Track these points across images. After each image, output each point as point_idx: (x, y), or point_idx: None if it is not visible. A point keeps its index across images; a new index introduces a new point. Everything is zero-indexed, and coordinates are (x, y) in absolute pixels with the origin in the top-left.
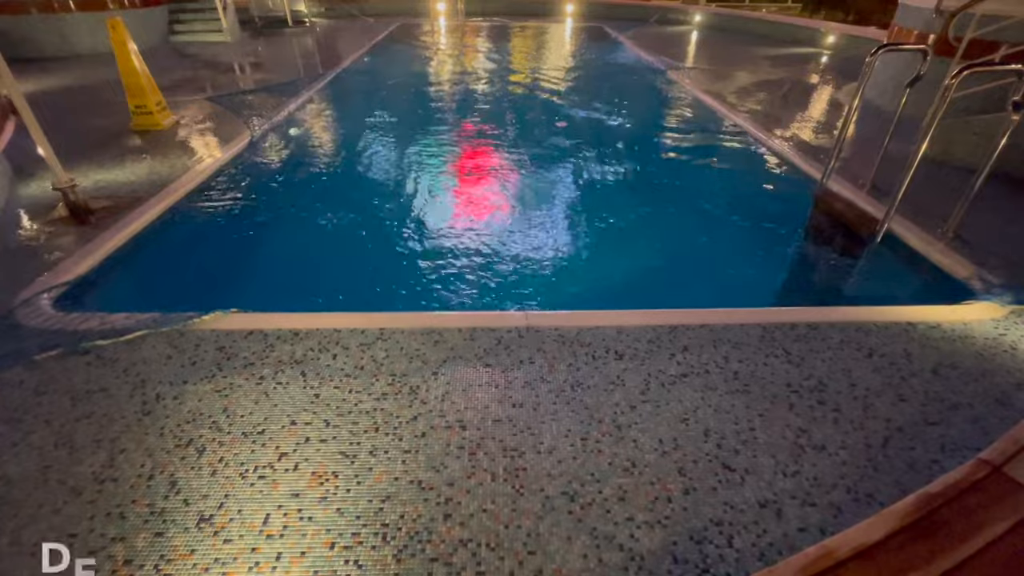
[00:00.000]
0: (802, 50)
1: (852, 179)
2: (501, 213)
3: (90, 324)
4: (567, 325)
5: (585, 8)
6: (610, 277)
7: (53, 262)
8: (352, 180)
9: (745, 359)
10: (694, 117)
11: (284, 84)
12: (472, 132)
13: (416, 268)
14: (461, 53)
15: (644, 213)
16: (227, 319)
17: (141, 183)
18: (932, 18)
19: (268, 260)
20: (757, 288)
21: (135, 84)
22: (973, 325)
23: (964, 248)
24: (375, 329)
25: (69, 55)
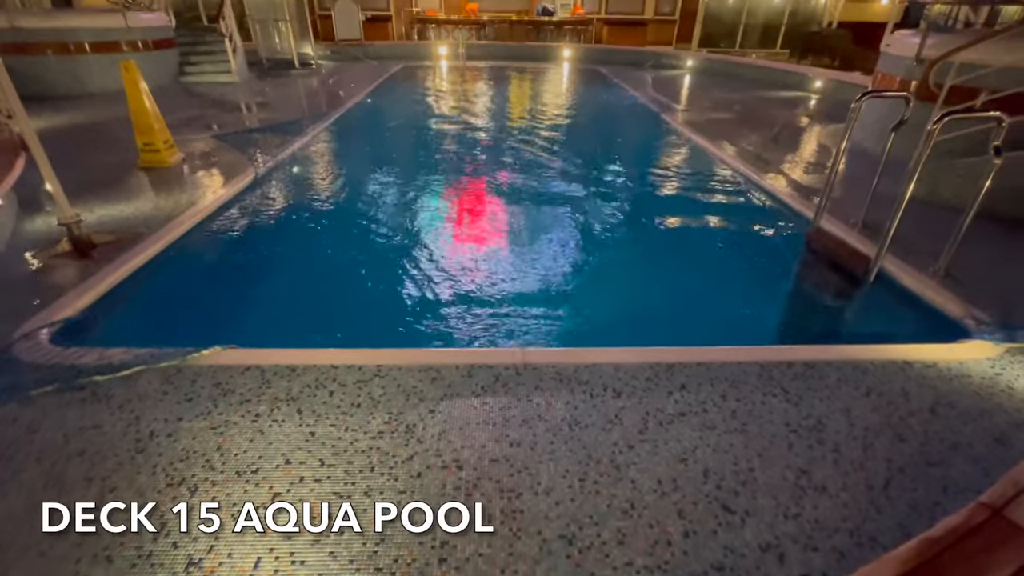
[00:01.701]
0: (791, 94)
1: (843, 218)
2: (499, 251)
3: (87, 359)
4: (565, 362)
5: (582, 53)
6: (606, 315)
7: (54, 296)
8: (352, 218)
9: (743, 397)
10: (688, 158)
11: (289, 123)
12: (471, 172)
13: (414, 305)
14: (461, 96)
15: (639, 251)
16: (224, 355)
17: (145, 219)
18: (913, 66)
19: (268, 296)
20: (753, 326)
21: (144, 123)
22: (969, 364)
23: (956, 286)
24: (372, 366)
25: (81, 94)
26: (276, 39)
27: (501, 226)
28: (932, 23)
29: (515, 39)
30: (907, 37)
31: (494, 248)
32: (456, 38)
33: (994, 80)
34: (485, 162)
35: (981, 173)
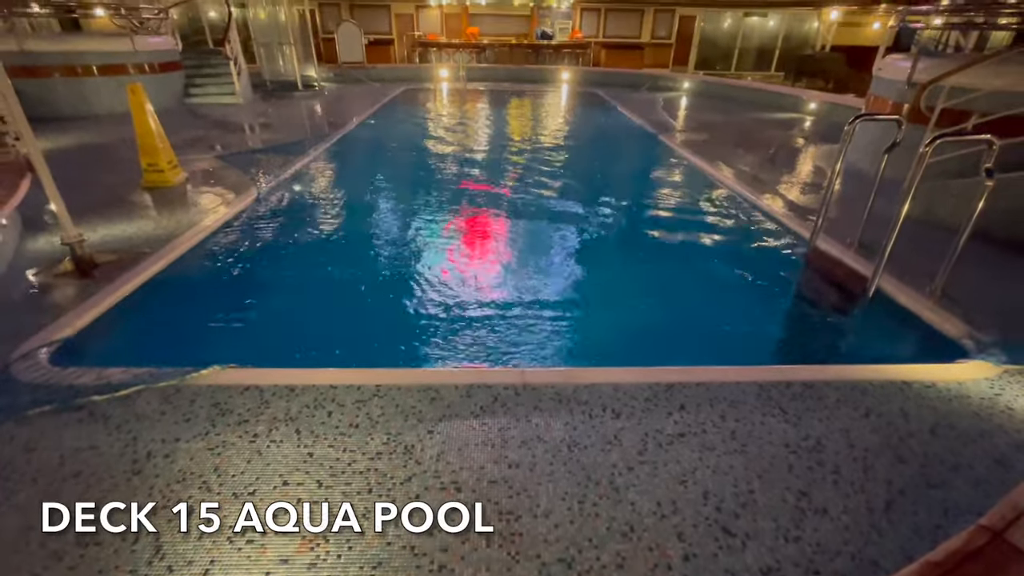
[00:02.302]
0: (786, 115)
1: (840, 238)
2: (498, 270)
3: (86, 379)
4: (564, 382)
5: (580, 75)
6: (605, 334)
7: (54, 316)
8: (353, 237)
9: (742, 418)
10: (686, 178)
11: (291, 144)
12: (471, 192)
13: (414, 325)
14: (462, 117)
15: (639, 271)
16: (223, 374)
17: (147, 238)
18: (905, 89)
19: (268, 315)
20: (751, 345)
21: (149, 144)
22: (968, 384)
23: (952, 306)
24: (371, 386)
25: (87, 115)
26: (280, 61)
27: (500, 246)
28: (922, 48)
29: (515, 62)
30: (898, 61)
31: (493, 267)
32: (457, 61)
33: (984, 103)
34: (485, 182)
35: (974, 194)
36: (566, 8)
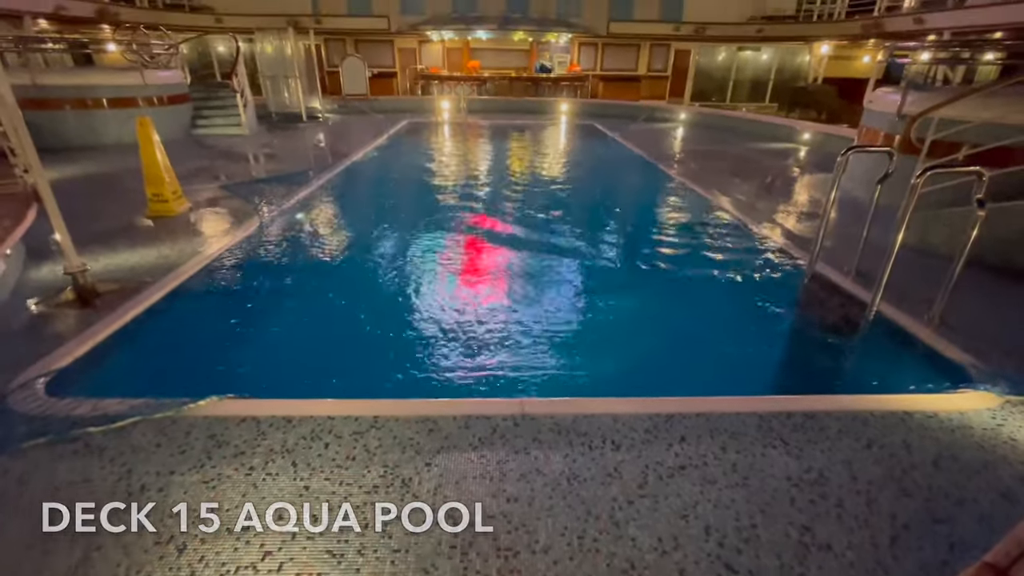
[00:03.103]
0: (781, 145)
1: (837, 266)
2: (497, 299)
3: (82, 410)
4: (563, 413)
5: (578, 108)
6: (604, 363)
7: (53, 346)
8: (353, 267)
9: (743, 450)
10: (683, 206)
11: (294, 174)
12: (471, 223)
13: (413, 355)
14: (463, 148)
15: (637, 299)
16: (221, 405)
17: (149, 267)
18: (896, 121)
19: (268, 345)
20: (750, 374)
21: (154, 174)
22: (970, 415)
23: (951, 334)
24: (369, 417)
25: (96, 145)
26: (285, 94)
27: (500, 275)
28: (911, 81)
29: (515, 94)
30: (888, 94)
31: (492, 296)
32: (458, 93)
33: (974, 135)
34: (485, 212)
35: (967, 223)
36: (564, 43)
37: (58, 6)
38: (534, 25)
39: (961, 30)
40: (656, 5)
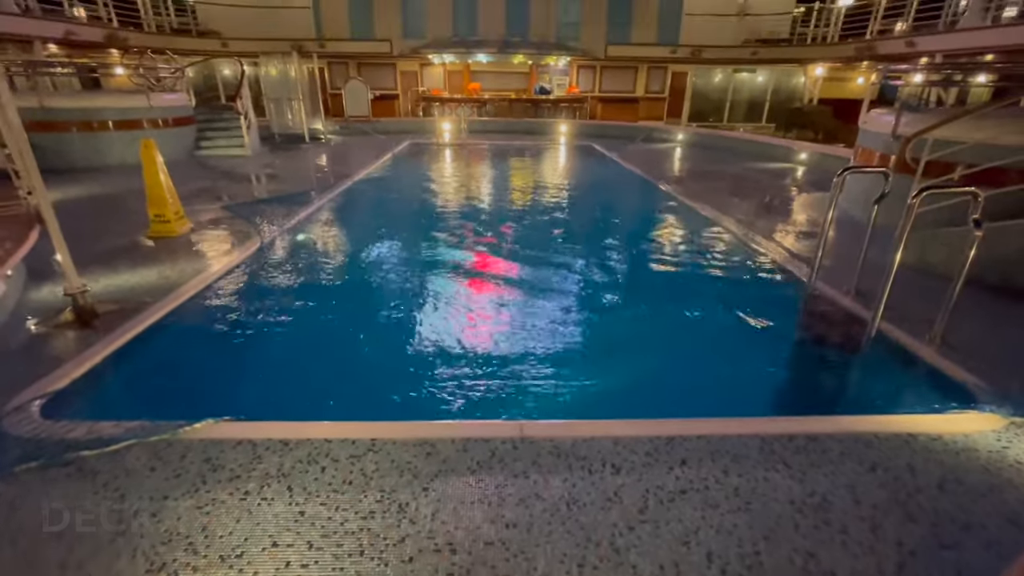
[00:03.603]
0: (779, 165)
1: (837, 285)
2: (498, 320)
3: (77, 433)
4: (563, 436)
5: (577, 128)
6: (604, 384)
7: (51, 367)
8: (352, 288)
9: (745, 473)
10: (683, 225)
11: (296, 195)
12: (471, 243)
13: (411, 376)
14: (464, 169)
15: (637, 319)
16: (217, 428)
17: (150, 288)
18: (891, 141)
19: (266, 367)
20: (751, 394)
21: (157, 195)
22: (975, 437)
23: (953, 354)
24: (366, 440)
25: (101, 167)
26: (288, 115)
27: (498, 297)
28: (904, 103)
29: (514, 115)
30: (882, 115)
31: (493, 317)
32: (459, 115)
33: (968, 155)
34: (484, 234)
35: (965, 243)
36: (563, 65)
37: (68, 31)
38: (533, 48)
39: (952, 53)
40: (653, 29)
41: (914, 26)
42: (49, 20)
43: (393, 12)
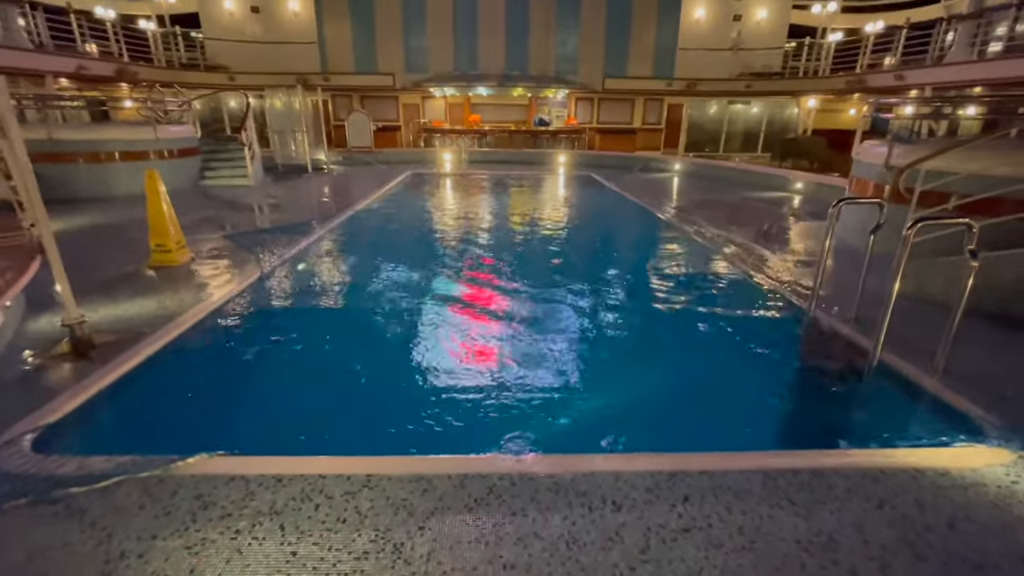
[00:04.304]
0: (775, 194)
1: (837, 314)
2: (494, 354)
3: (67, 468)
4: (562, 471)
5: (576, 159)
6: (603, 416)
7: (44, 400)
8: (350, 319)
9: (749, 510)
10: (682, 255)
11: (297, 224)
12: (470, 274)
13: (408, 410)
14: (464, 199)
15: (636, 349)
16: (210, 463)
17: (148, 318)
18: (884, 172)
19: (262, 399)
20: (752, 426)
21: (160, 225)
22: (983, 472)
23: (956, 385)
24: (361, 475)
25: (106, 197)
26: (292, 146)
27: (496, 328)
28: (896, 135)
29: (514, 146)
30: (875, 147)
31: (489, 350)
32: (460, 145)
33: (961, 185)
34: (485, 265)
35: (962, 272)
36: (562, 98)
37: (80, 66)
38: (532, 82)
39: (941, 86)
40: (648, 63)
41: (903, 60)
42: (61, 55)
43: (396, 47)
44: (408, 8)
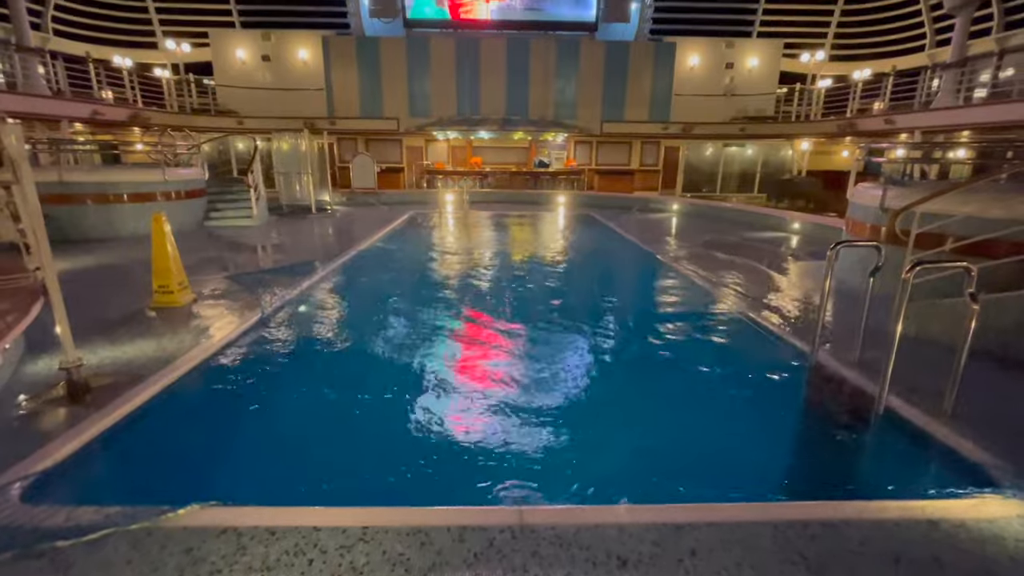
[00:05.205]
0: (773, 234)
1: (840, 356)
2: (494, 400)
3: (55, 520)
4: (565, 523)
5: (575, 199)
6: (606, 465)
7: (34, 447)
8: (349, 363)
9: (759, 566)
10: (683, 297)
11: (299, 265)
12: (471, 317)
13: (408, 459)
14: (466, 240)
15: (638, 396)
16: (202, 514)
17: (147, 360)
18: (880, 214)
19: (258, 447)
20: (757, 476)
21: (163, 266)
22: (1000, 523)
23: (966, 430)
24: (357, 528)
25: (112, 237)
26: (297, 187)
27: (497, 374)
28: (889, 177)
29: (515, 187)
30: (869, 189)
31: (488, 396)
32: (461, 187)
33: (957, 227)
34: (486, 309)
35: (964, 314)
36: (561, 140)
37: (95, 111)
38: (533, 126)
39: (930, 130)
40: (645, 107)
41: (891, 105)
42: (78, 102)
43: (401, 93)
44: (413, 56)
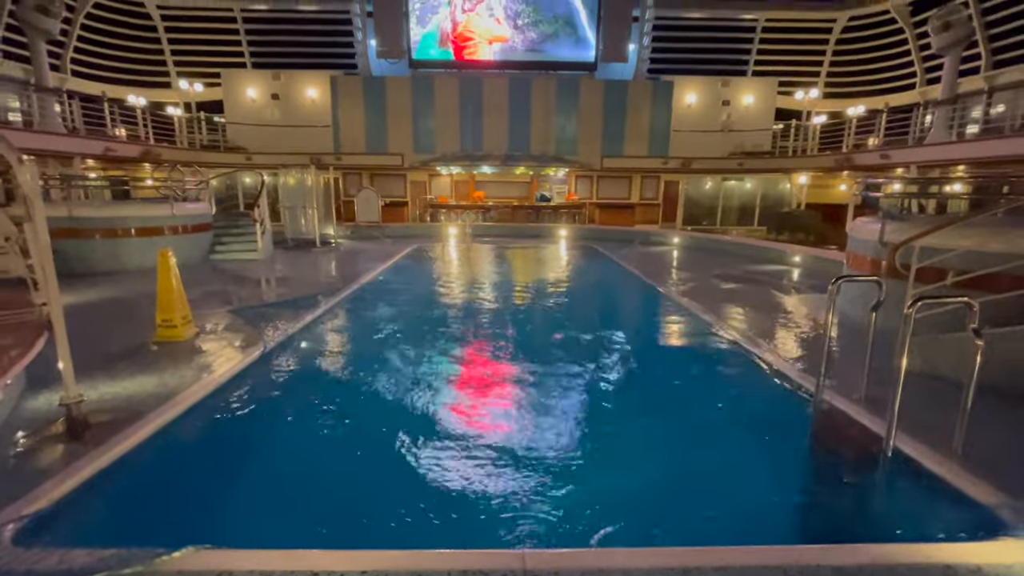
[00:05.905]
0: (774, 267)
1: (846, 394)
2: (497, 439)
3: (47, 563)
4: (568, 568)
5: (577, 232)
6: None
7: (31, 486)
8: (353, 400)
9: None
10: (686, 332)
11: (303, 298)
12: (473, 353)
13: (410, 498)
14: (469, 273)
15: (642, 436)
16: (197, 557)
17: (147, 396)
18: (880, 248)
19: (257, 487)
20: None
21: (167, 300)
22: (1017, 568)
23: (977, 469)
24: (356, 572)
25: (119, 270)
26: (302, 221)
27: (501, 412)
28: (887, 212)
29: (517, 220)
30: (868, 223)
31: (491, 435)
32: (464, 220)
33: (958, 261)
34: (489, 346)
35: (968, 348)
36: (562, 175)
37: (107, 148)
38: (534, 161)
39: (925, 164)
40: (645, 142)
41: (886, 140)
42: (91, 139)
43: (406, 130)
44: (418, 94)
